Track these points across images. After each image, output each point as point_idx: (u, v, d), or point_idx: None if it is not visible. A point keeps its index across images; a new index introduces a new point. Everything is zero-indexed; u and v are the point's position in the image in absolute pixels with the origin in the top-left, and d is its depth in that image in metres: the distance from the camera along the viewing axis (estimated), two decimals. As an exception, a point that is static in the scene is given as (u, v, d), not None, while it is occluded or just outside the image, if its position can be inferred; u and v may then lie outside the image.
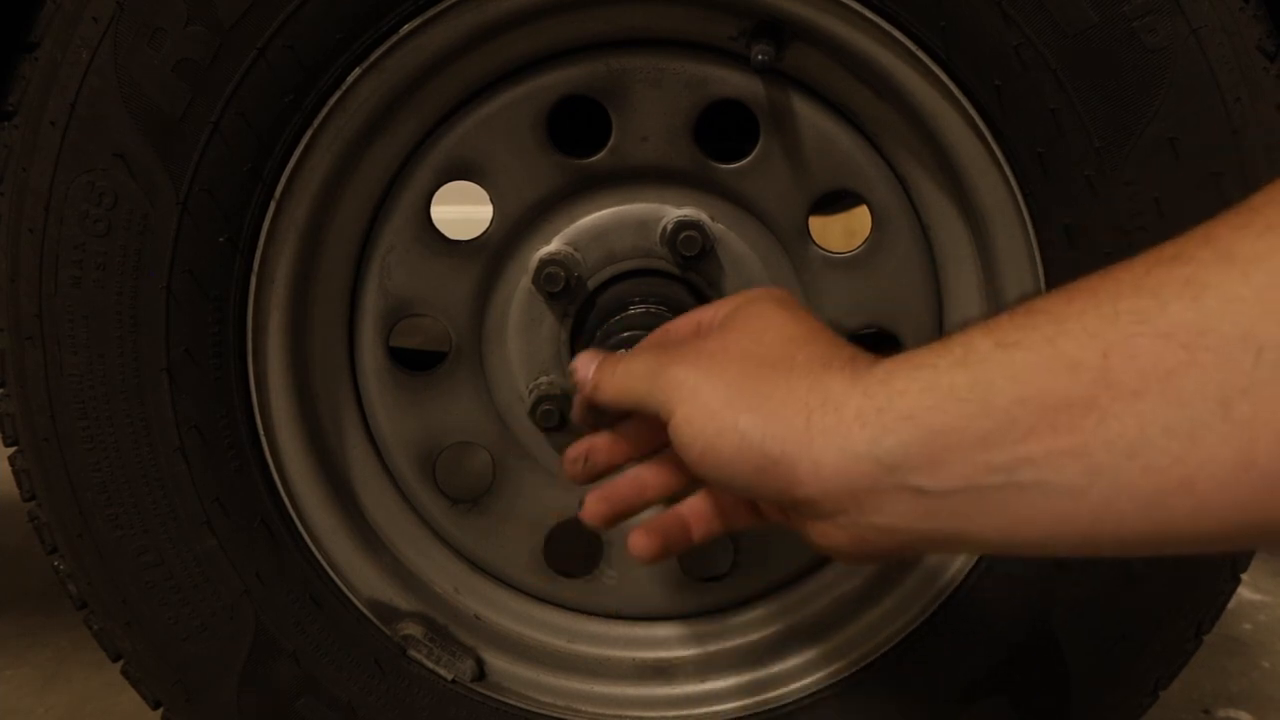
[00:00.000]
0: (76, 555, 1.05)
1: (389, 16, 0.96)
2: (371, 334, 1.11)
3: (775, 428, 0.63)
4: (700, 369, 0.68)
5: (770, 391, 0.65)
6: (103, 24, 0.94)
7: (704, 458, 0.66)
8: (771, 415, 0.64)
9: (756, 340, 0.70)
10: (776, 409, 0.64)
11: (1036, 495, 0.55)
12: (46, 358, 1.00)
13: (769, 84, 1.04)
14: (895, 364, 0.61)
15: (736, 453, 0.64)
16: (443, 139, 1.06)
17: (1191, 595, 1.05)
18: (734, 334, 0.72)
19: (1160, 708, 1.10)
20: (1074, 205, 0.96)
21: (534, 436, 1.14)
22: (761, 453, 0.63)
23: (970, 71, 0.95)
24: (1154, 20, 0.91)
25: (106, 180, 0.97)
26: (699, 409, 0.67)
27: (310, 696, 1.10)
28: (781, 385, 0.64)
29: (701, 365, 0.69)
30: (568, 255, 1.08)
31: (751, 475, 0.64)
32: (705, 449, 0.66)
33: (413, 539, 1.17)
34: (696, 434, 0.67)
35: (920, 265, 1.09)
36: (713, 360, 0.69)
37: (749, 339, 0.70)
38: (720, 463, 0.66)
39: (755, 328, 0.71)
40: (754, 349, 0.69)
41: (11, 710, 1.57)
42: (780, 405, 0.64)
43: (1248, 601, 1.81)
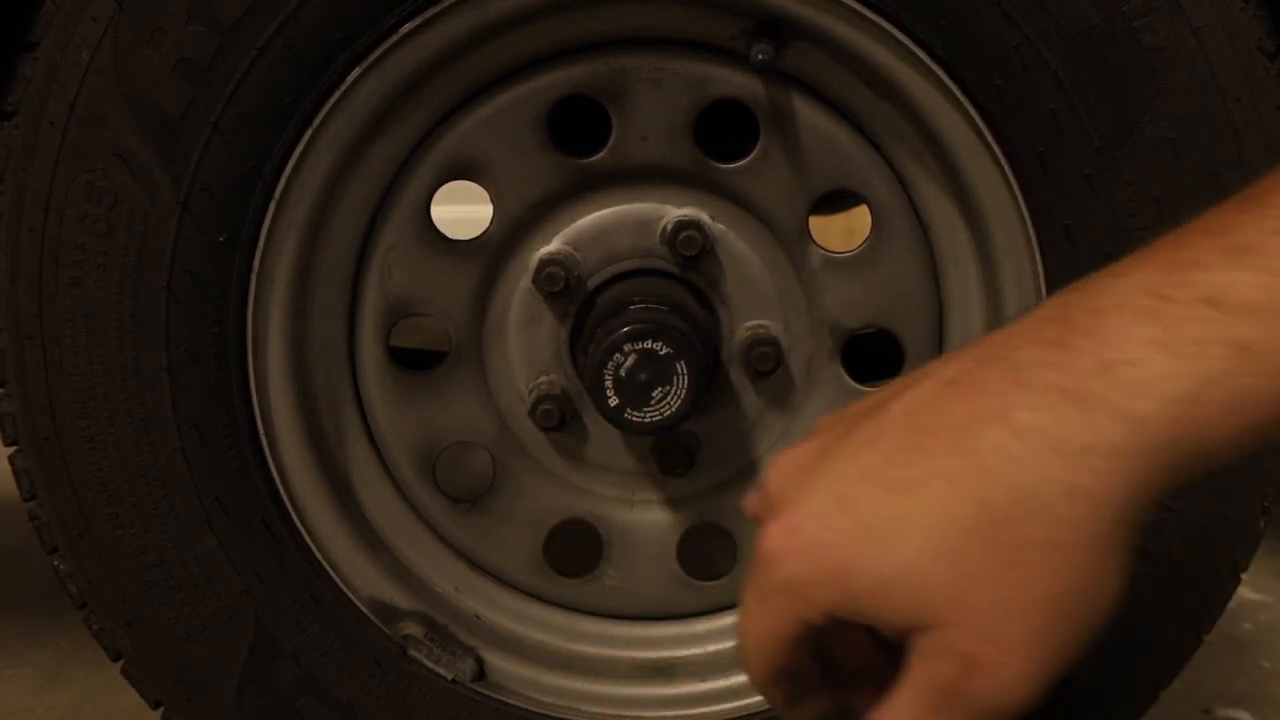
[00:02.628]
0: (76, 555, 1.05)
1: (389, 16, 0.96)
2: (372, 333, 1.11)
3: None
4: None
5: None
6: (103, 23, 0.94)
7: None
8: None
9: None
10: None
11: None
12: (46, 357, 1.00)
13: (769, 83, 1.04)
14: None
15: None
16: (443, 138, 1.06)
17: (1191, 595, 1.05)
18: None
19: (1160, 708, 1.10)
20: (1074, 205, 0.96)
21: (534, 436, 1.14)
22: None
23: (970, 71, 0.95)
24: (1154, 20, 0.91)
25: (106, 180, 0.97)
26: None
27: (310, 696, 1.09)
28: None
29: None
30: (568, 255, 1.08)
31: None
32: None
33: (413, 538, 1.17)
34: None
35: (920, 265, 1.09)
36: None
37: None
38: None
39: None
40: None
41: (11, 710, 1.57)
42: None
43: (1248, 601, 1.80)
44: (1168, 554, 1.03)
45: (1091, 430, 0.52)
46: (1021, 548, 0.54)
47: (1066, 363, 0.53)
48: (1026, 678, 0.56)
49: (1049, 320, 0.56)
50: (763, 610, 0.61)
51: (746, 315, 1.10)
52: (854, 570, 0.56)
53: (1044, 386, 0.54)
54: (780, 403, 1.13)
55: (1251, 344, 0.51)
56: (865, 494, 0.57)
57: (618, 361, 1.01)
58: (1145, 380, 0.52)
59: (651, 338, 1.01)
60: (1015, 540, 0.54)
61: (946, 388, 0.57)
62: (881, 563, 0.56)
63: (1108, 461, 0.53)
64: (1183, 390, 0.51)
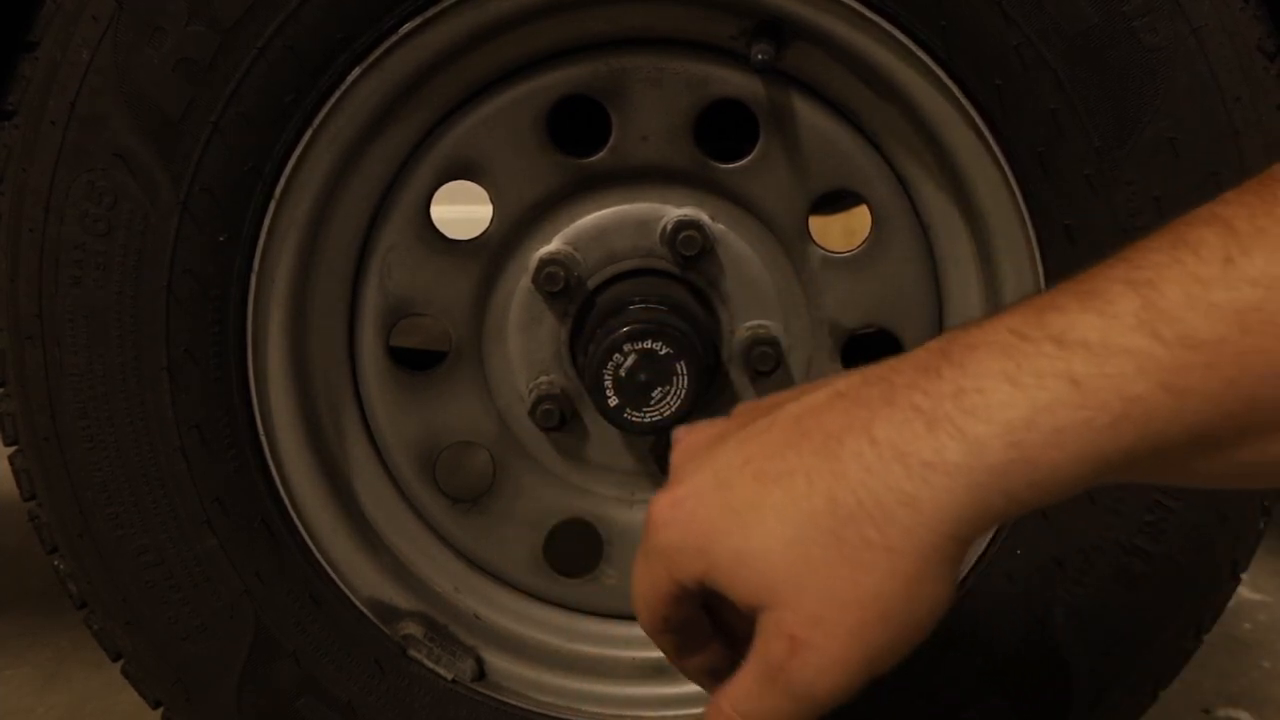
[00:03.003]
0: (76, 555, 1.05)
1: (389, 16, 0.96)
2: (372, 333, 1.11)
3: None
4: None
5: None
6: (103, 23, 0.94)
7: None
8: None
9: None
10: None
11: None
12: (46, 357, 1.00)
13: (769, 83, 1.04)
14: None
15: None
16: (443, 138, 1.06)
17: (1191, 595, 1.05)
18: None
19: (1160, 708, 1.10)
20: (1074, 205, 0.96)
21: (534, 436, 1.14)
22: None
23: (970, 71, 0.95)
24: (1154, 20, 0.91)
25: (106, 180, 0.97)
26: None
27: (310, 696, 1.09)
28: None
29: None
30: (568, 255, 1.08)
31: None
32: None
33: (413, 538, 1.17)
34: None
35: (920, 265, 1.09)
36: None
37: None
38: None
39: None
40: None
41: (11, 710, 1.57)
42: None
43: (1248, 601, 1.80)
44: (1168, 554, 1.03)
45: (935, 448, 0.57)
46: (859, 546, 0.59)
47: (930, 386, 0.58)
48: (843, 665, 0.61)
49: (932, 350, 0.60)
50: (646, 570, 0.67)
51: (746, 315, 1.10)
52: (716, 545, 0.63)
53: (907, 405, 0.59)
54: (780, 403, 1.13)
55: (1083, 378, 0.55)
56: (740, 480, 0.63)
57: (618, 361, 1.01)
58: (988, 406, 0.56)
59: (651, 338, 1.01)
60: (854, 538, 0.59)
61: (834, 398, 0.63)
62: (739, 540, 0.62)
63: (946, 478, 0.57)
64: (1018, 417, 0.56)
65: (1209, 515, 1.02)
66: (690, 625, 0.72)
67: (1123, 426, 0.55)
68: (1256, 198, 0.54)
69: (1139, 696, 1.08)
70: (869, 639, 0.61)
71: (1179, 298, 0.54)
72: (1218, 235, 0.54)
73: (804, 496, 0.60)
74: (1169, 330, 0.54)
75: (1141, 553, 1.03)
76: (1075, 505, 1.03)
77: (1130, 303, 0.55)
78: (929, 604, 0.61)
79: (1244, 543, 1.04)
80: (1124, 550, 1.03)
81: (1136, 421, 0.55)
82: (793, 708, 0.63)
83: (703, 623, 0.72)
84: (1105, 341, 0.55)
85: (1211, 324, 0.53)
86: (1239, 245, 0.53)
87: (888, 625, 0.61)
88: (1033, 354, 0.56)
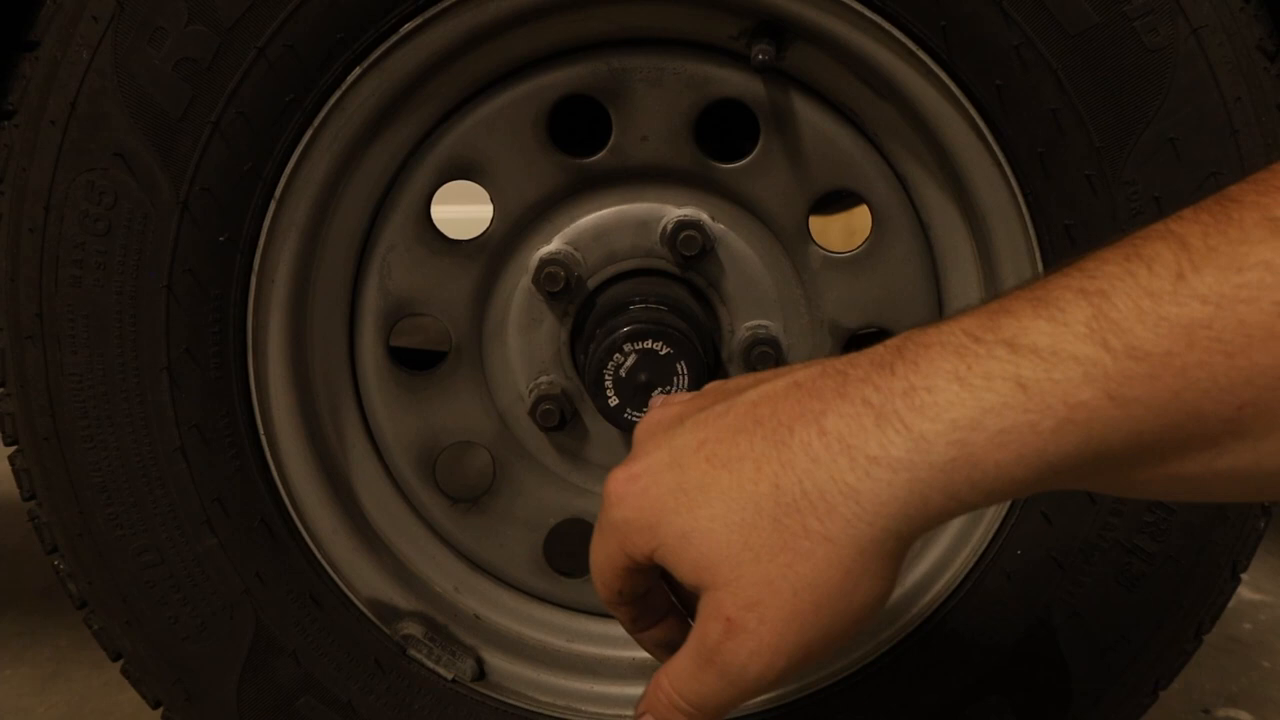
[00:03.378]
0: (76, 555, 1.05)
1: (389, 16, 0.96)
2: (372, 333, 1.11)
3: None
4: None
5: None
6: (103, 23, 0.94)
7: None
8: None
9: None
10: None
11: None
12: (46, 357, 1.00)
13: (769, 83, 1.04)
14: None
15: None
16: (443, 138, 1.06)
17: (1191, 595, 1.05)
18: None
19: (1160, 708, 1.10)
20: (1074, 205, 0.96)
21: (534, 436, 1.14)
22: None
23: (970, 71, 0.95)
24: (1154, 20, 0.91)
25: (107, 180, 0.97)
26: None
27: (310, 696, 1.10)
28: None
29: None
30: (568, 255, 1.08)
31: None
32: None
33: (413, 538, 1.17)
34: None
35: (920, 265, 1.09)
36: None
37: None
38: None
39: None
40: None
41: (11, 710, 1.57)
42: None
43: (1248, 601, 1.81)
44: (1168, 554, 1.03)
45: (881, 442, 0.59)
46: (799, 534, 0.61)
47: (882, 382, 0.60)
48: (775, 650, 0.62)
49: (890, 347, 0.62)
50: (601, 543, 0.69)
51: (746, 315, 1.10)
52: (665, 522, 0.64)
53: (858, 399, 0.60)
54: (780, 403, 1.13)
55: (1030, 382, 0.56)
56: (693, 462, 0.65)
57: (618, 361, 1.01)
58: (936, 404, 0.58)
59: (651, 338, 1.01)
60: (795, 526, 0.61)
61: (791, 387, 0.64)
62: (685, 520, 0.64)
63: (890, 473, 0.58)
64: (965, 417, 0.57)
65: (1209, 515, 1.02)
66: (647, 598, 0.75)
67: (1066, 431, 0.56)
68: (1211, 216, 0.55)
69: (1139, 696, 1.08)
70: (802, 626, 0.62)
71: (1129, 309, 0.55)
72: (1171, 251, 0.55)
73: (751, 482, 0.62)
74: (1117, 340, 0.55)
75: (1141, 553, 1.03)
76: (1075, 505, 1.03)
77: (1082, 311, 0.56)
78: (865, 597, 0.62)
79: (1244, 543, 1.04)
80: (1124, 550, 1.03)
81: (1080, 427, 0.56)
82: (726, 689, 0.64)
83: (661, 596, 0.74)
84: (1055, 348, 0.56)
85: (1159, 337, 0.54)
86: (1191, 262, 0.54)
87: (821, 615, 0.62)
88: (984, 356, 0.57)
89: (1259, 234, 0.53)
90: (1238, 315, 0.53)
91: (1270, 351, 0.53)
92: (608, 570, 0.70)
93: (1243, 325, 0.53)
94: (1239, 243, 0.53)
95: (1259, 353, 0.53)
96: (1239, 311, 0.53)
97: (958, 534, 1.09)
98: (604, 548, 0.70)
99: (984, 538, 1.06)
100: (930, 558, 1.11)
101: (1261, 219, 0.53)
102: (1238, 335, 0.53)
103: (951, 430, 0.57)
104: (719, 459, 0.64)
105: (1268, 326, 0.52)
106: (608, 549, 0.69)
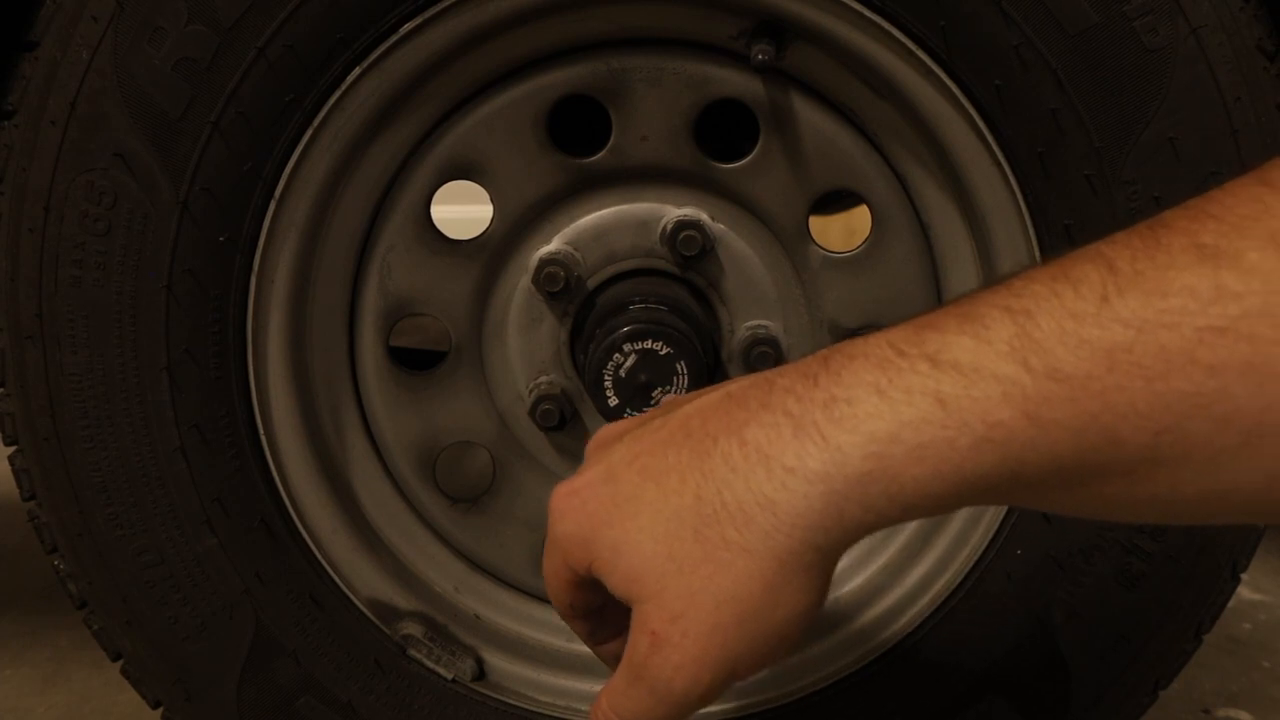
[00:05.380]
0: (76, 555, 1.05)
1: (389, 16, 0.96)
2: (372, 333, 1.11)
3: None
4: None
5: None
6: (103, 23, 0.94)
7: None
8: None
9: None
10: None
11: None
12: (46, 357, 1.00)
13: (769, 83, 1.04)
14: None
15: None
16: (443, 138, 1.06)
17: (1191, 595, 1.05)
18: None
19: (1160, 708, 1.10)
20: (1074, 205, 0.96)
21: (534, 436, 1.14)
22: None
23: (970, 71, 0.95)
24: (1154, 20, 0.91)
25: (106, 180, 0.97)
26: None
27: (310, 696, 1.10)
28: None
29: None
30: (568, 255, 1.08)
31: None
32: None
33: (413, 538, 1.17)
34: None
35: (920, 265, 1.09)
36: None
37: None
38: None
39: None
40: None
41: (11, 710, 1.57)
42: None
43: (1248, 601, 1.81)
44: (1168, 554, 1.03)
45: (798, 453, 0.58)
46: (719, 545, 0.60)
47: (804, 393, 0.60)
48: (699, 664, 0.62)
49: (817, 358, 0.61)
50: (549, 556, 0.71)
51: (746, 315, 1.10)
52: (598, 535, 0.65)
53: (780, 410, 0.60)
54: (780, 403, 1.13)
55: (949, 398, 0.56)
56: (627, 475, 0.65)
57: (618, 361, 1.01)
58: (855, 416, 0.58)
59: (651, 338, 1.01)
60: (715, 537, 0.60)
61: (723, 399, 0.64)
62: (616, 532, 0.64)
63: (806, 484, 0.58)
64: (882, 430, 0.57)
65: (1209, 515, 1.02)
66: (604, 612, 0.74)
67: (984, 449, 0.55)
68: (1142, 241, 0.55)
69: (1139, 696, 1.08)
70: (726, 640, 0.61)
71: (1052, 330, 0.54)
72: (1099, 273, 0.54)
73: (675, 493, 0.62)
74: (1038, 361, 0.54)
75: (1141, 553, 1.03)
76: (1075, 505, 1.03)
77: (1005, 330, 0.55)
78: (788, 611, 0.61)
79: (1244, 543, 1.04)
80: (1124, 550, 1.03)
81: (997, 446, 0.55)
82: (655, 705, 0.63)
83: (618, 610, 0.73)
84: (976, 365, 0.56)
85: (1079, 359, 0.54)
86: (1116, 285, 0.54)
87: (744, 627, 0.61)
88: (906, 370, 0.57)
89: (1184, 260, 0.52)
90: (1159, 340, 0.52)
91: (1189, 378, 0.52)
92: (556, 584, 0.71)
93: (1163, 350, 0.52)
94: (1165, 268, 0.53)
95: (1178, 379, 0.52)
96: (1160, 337, 0.52)
97: (957, 534, 1.09)
98: (550, 562, 0.70)
99: (984, 538, 1.06)
100: (930, 558, 1.11)
101: (1188, 245, 0.53)
102: (1158, 360, 0.52)
103: (869, 442, 0.57)
104: (649, 471, 0.64)
105: (1188, 353, 0.52)
106: (554, 563, 0.70)
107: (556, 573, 0.70)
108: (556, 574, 0.70)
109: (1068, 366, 0.54)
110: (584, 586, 0.70)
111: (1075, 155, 0.95)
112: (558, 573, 0.70)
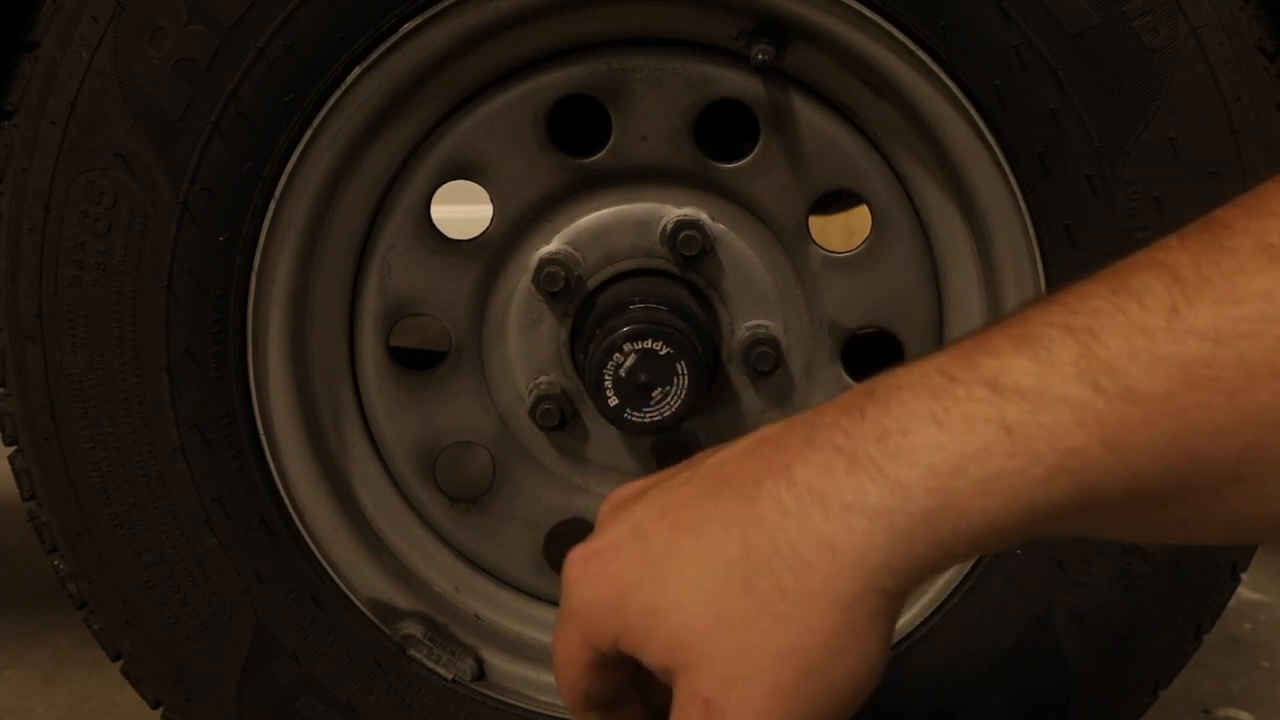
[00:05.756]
0: (76, 555, 1.05)
1: (389, 16, 0.96)
2: (372, 333, 1.11)
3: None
4: None
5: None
6: (103, 23, 0.94)
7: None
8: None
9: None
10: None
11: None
12: (46, 357, 1.00)
13: (769, 83, 1.04)
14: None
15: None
16: (443, 138, 1.06)
17: (1191, 595, 1.05)
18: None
19: (1160, 708, 1.10)
20: (1074, 205, 0.96)
21: (534, 436, 1.14)
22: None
23: (970, 71, 0.95)
24: (1154, 20, 0.91)
25: (106, 180, 0.97)
26: None
27: (310, 696, 1.09)
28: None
29: None
30: (568, 255, 1.08)
31: None
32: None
33: (413, 538, 1.17)
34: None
35: (920, 265, 1.09)
36: None
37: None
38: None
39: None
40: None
41: (11, 710, 1.57)
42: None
43: (1248, 601, 1.81)
44: (1168, 554, 1.03)
45: (856, 489, 0.53)
46: (774, 596, 0.54)
47: (852, 427, 0.55)
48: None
49: (857, 392, 0.57)
50: (562, 634, 0.62)
51: (746, 315, 1.10)
52: (629, 599, 0.58)
53: (827, 446, 0.55)
54: (780, 403, 1.13)
55: (1016, 426, 0.52)
56: (656, 530, 0.58)
57: (618, 361, 1.01)
58: (913, 449, 0.53)
59: (651, 338, 1.01)
60: (769, 588, 0.55)
61: (758, 444, 0.59)
62: (652, 594, 0.57)
63: (867, 521, 0.53)
64: (946, 462, 0.52)
65: (1209, 515, 1.02)
66: (618, 707, 0.65)
67: (1058, 479, 0.52)
68: (1202, 245, 0.51)
69: (1139, 696, 1.08)
70: (789, 699, 0.55)
71: (1121, 348, 0.51)
72: (1163, 284, 0.51)
73: (719, 544, 0.56)
74: (1110, 382, 0.51)
75: (1141, 553, 1.03)
76: (1075, 505, 1.03)
77: (1068, 350, 0.52)
78: (855, 661, 0.56)
79: (1244, 543, 1.04)
80: (1124, 550, 1.03)
81: (1072, 474, 0.52)
82: None
83: (633, 709, 0.66)
84: (1041, 389, 0.52)
85: (1155, 378, 0.50)
86: (1184, 295, 0.50)
87: (808, 683, 0.55)
88: (963, 398, 0.53)
89: (1255, 263, 0.49)
90: (1238, 351, 0.49)
91: (1273, 390, 0.49)
92: (570, 668, 0.62)
93: (1244, 362, 0.49)
94: (1235, 273, 0.49)
95: (1262, 391, 0.49)
96: (1239, 347, 0.49)
97: (958, 534, 1.09)
98: (565, 640, 0.61)
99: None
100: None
101: (1257, 246, 0.50)
102: (1239, 373, 0.49)
103: (931, 476, 0.52)
104: (684, 524, 0.58)
105: (1270, 363, 0.49)
106: (570, 641, 0.61)
107: (572, 653, 0.61)
108: (572, 654, 0.61)
109: (1143, 386, 0.50)
110: (605, 668, 0.61)
111: (1075, 155, 0.95)
112: (574, 653, 0.61)
